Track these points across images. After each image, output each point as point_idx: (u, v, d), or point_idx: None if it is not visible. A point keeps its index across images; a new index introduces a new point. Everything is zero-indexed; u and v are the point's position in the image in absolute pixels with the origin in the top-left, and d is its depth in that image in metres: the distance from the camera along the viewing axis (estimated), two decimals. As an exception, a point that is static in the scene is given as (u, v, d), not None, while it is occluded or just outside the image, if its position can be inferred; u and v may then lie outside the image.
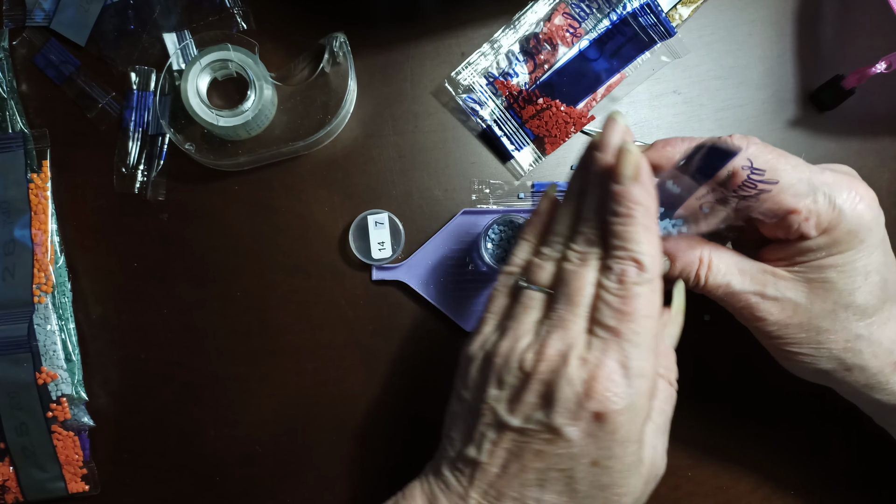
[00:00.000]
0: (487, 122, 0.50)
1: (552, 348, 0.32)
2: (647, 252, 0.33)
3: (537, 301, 0.35)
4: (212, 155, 0.49)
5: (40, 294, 0.48)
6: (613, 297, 0.32)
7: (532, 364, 0.33)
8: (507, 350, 0.34)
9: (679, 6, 0.51)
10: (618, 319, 0.32)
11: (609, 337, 0.32)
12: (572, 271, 0.34)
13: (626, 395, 0.31)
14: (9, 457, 0.48)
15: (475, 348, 0.36)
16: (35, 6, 0.50)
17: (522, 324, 0.35)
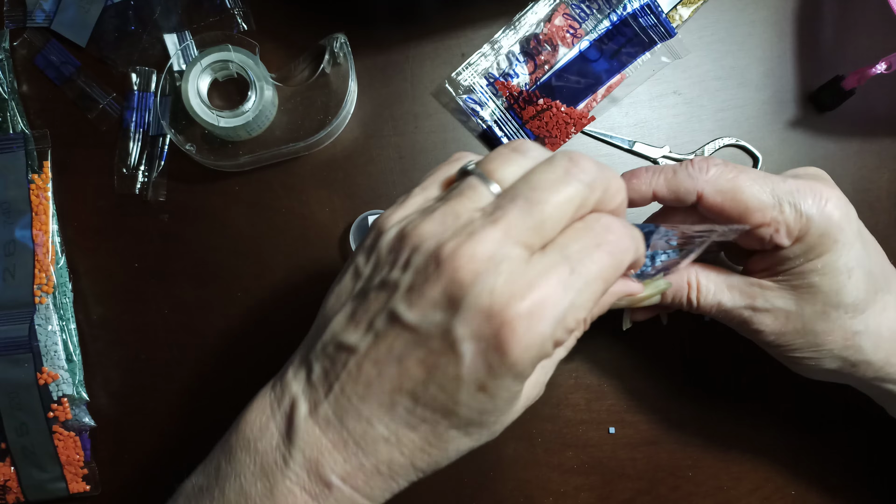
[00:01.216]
0: (488, 122, 0.51)
1: (483, 246, 0.26)
2: (640, 245, 0.30)
3: (484, 193, 0.28)
4: (212, 155, 0.49)
5: (41, 294, 0.48)
6: (593, 235, 0.27)
7: (450, 255, 0.26)
8: (427, 232, 0.27)
9: (679, 7, 0.51)
10: (583, 248, 0.27)
11: (559, 264, 0.26)
12: (549, 178, 0.27)
13: (544, 336, 0.26)
14: (10, 457, 0.48)
15: (392, 220, 0.30)
16: (36, 7, 0.50)
17: (456, 208, 0.28)
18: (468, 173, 0.29)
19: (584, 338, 0.51)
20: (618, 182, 0.29)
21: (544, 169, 0.28)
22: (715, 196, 0.36)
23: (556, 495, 0.50)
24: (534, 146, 0.30)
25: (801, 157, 0.52)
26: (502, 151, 0.29)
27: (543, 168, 0.28)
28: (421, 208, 0.30)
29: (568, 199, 0.27)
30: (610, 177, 0.29)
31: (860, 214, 0.51)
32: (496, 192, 0.28)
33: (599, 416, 0.51)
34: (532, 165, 0.29)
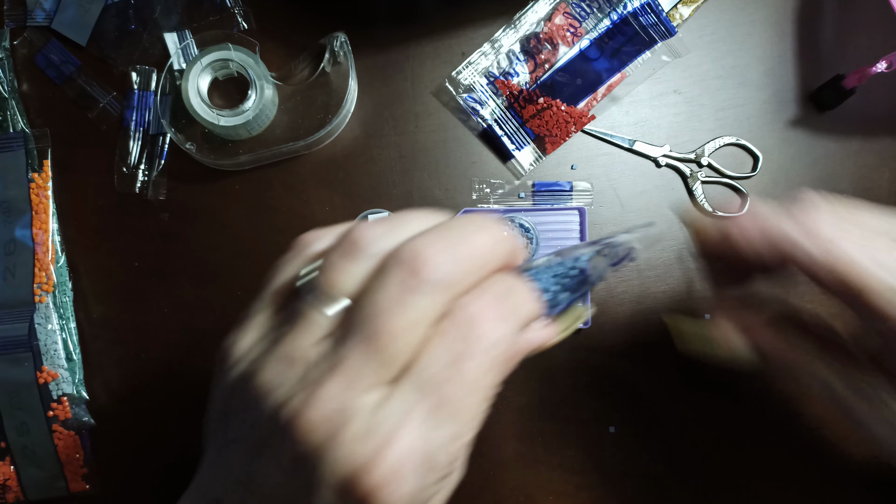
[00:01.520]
0: (488, 121, 0.50)
1: (326, 404, 0.22)
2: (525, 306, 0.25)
3: (320, 322, 0.24)
4: (212, 154, 0.49)
5: (41, 293, 0.48)
6: (452, 345, 0.22)
7: (293, 418, 0.22)
8: (266, 384, 0.23)
9: (680, 6, 0.51)
10: (443, 368, 0.22)
11: (417, 401, 0.22)
12: (385, 300, 0.22)
13: (410, 491, 0.22)
14: (10, 456, 0.48)
15: (233, 355, 0.26)
16: (36, 6, 0.50)
17: (291, 348, 0.23)
18: (300, 289, 0.25)
19: (584, 338, 0.51)
20: (485, 254, 0.24)
21: (378, 286, 0.23)
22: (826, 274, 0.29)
23: (557, 495, 0.50)
24: (369, 235, 0.24)
25: (802, 157, 0.52)
26: (333, 259, 0.24)
27: (377, 285, 0.23)
28: (263, 335, 0.26)
29: (418, 317, 0.22)
30: (477, 253, 0.24)
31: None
32: (334, 310, 0.23)
33: (599, 415, 0.51)
34: (367, 271, 0.24)
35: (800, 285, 0.52)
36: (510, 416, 0.50)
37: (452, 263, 0.23)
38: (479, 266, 0.24)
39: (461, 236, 0.24)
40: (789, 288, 0.51)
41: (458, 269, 0.23)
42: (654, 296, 0.51)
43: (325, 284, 0.24)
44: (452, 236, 0.23)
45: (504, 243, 0.25)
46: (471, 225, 0.24)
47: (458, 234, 0.24)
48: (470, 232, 0.24)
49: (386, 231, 0.24)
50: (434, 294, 0.22)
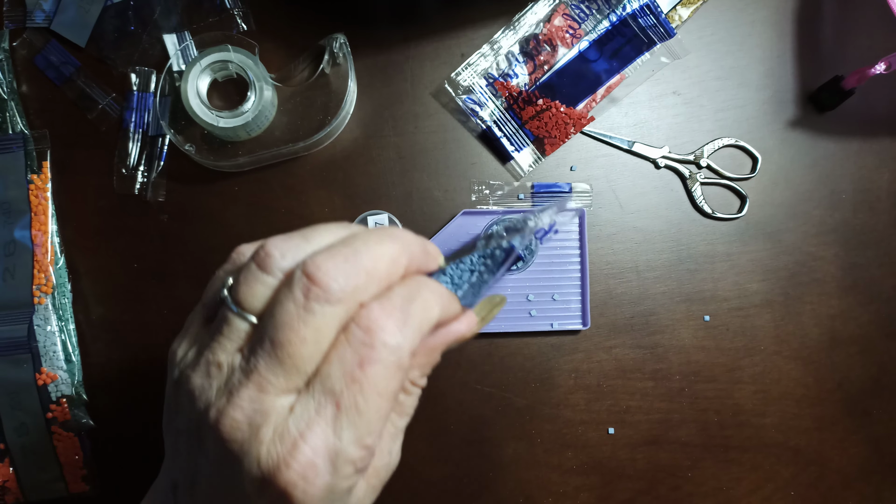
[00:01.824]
0: (487, 122, 0.50)
1: (241, 410, 0.24)
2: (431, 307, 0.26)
3: (241, 327, 0.25)
4: (212, 156, 0.49)
5: (40, 295, 0.48)
6: (354, 351, 0.24)
7: (215, 422, 0.24)
8: (195, 388, 0.25)
9: (679, 7, 0.51)
10: (345, 374, 0.24)
11: (324, 404, 0.24)
12: (289, 311, 0.24)
13: (323, 486, 0.24)
14: (9, 457, 0.48)
15: (175, 359, 0.28)
16: (35, 7, 0.50)
17: (215, 354, 0.25)
18: (221, 301, 0.26)
19: (583, 339, 0.51)
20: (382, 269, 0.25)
21: (284, 297, 0.24)
22: None
23: (556, 495, 0.50)
24: (276, 253, 0.26)
25: (801, 158, 0.52)
26: (249, 269, 0.26)
27: (283, 296, 0.24)
28: (196, 340, 0.28)
29: (317, 330, 0.24)
30: (375, 268, 0.25)
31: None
32: (248, 320, 0.25)
33: (599, 416, 0.51)
34: (274, 285, 0.25)
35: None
36: (510, 417, 0.50)
37: (351, 275, 0.24)
38: (383, 275, 0.26)
39: (360, 248, 0.25)
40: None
41: (357, 280, 0.25)
42: (654, 297, 0.51)
43: (238, 295, 0.26)
44: (353, 249, 0.25)
45: (410, 250, 0.27)
46: (375, 236, 0.26)
47: (358, 246, 0.25)
48: (373, 243, 0.26)
49: (294, 245, 0.26)
50: (333, 305, 0.24)
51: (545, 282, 0.51)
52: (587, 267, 0.50)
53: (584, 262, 0.50)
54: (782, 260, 0.51)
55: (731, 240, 0.51)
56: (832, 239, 0.52)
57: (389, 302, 0.25)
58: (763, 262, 0.51)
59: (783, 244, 0.51)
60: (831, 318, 0.52)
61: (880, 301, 0.52)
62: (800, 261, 0.51)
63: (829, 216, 0.52)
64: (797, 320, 0.51)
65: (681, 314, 0.51)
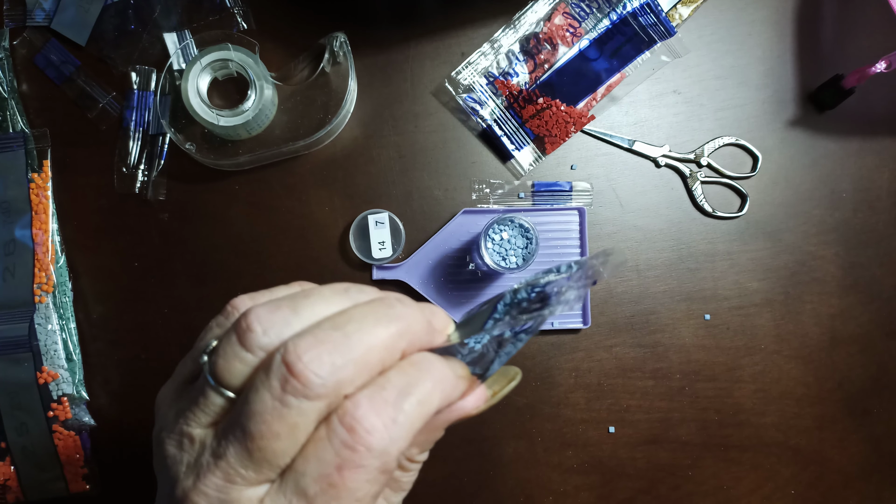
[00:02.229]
0: (488, 121, 0.50)
1: (204, 496, 0.22)
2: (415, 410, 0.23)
3: (216, 402, 0.24)
4: (212, 154, 0.49)
5: (41, 294, 0.48)
6: (334, 452, 0.22)
7: (179, 500, 0.23)
8: (167, 457, 0.24)
9: (679, 6, 0.51)
10: (321, 487, 0.22)
11: (296, 500, 0.22)
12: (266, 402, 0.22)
13: None
14: (10, 456, 0.48)
15: (159, 412, 0.27)
16: (35, 6, 0.50)
17: (189, 425, 0.24)
18: (203, 368, 0.24)
19: (583, 338, 0.51)
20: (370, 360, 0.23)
21: (260, 385, 0.22)
22: None
23: (556, 495, 0.50)
24: (258, 328, 0.23)
25: (802, 157, 0.52)
26: (229, 340, 0.23)
27: (259, 383, 0.22)
28: (177, 396, 0.26)
29: (288, 427, 0.22)
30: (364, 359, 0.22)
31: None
32: (225, 396, 0.23)
33: (599, 415, 0.51)
34: (253, 364, 0.23)
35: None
36: (510, 416, 0.50)
37: (336, 367, 0.22)
38: (375, 364, 0.23)
39: (352, 334, 0.22)
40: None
41: (343, 373, 0.22)
42: (654, 296, 0.51)
43: (215, 367, 0.23)
44: (343, 333, 0.22)
45: (411, 332, 0.24)
46: (372, 315, 0.23)
47: (350, 330, 0.22)
48: (367, 325, 0.23)
49: (281, 319, 0.23)
50: (312, 400, 0.22)
51: (545, 281, 0.50)
52: (587, 266, 0.50)
53: (585, 261, 0.50)
54: (782, 259, 0.51)
55: (731, 239, 0.51)
56: (832, 238, 0.52)
57: (380, 395, 0.22)
58: (763, 261, 0.51)
59: (783, 243, 0.51)
60: (831, 317, 0.52)
61: (880, 300, 0.52)
62: (800, 260, 0.51)
63: (830, 215, 0.52)
64: (797, 319, 0.51)
65: (681, 313, 0.51)
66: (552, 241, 0.51)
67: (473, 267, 0.50)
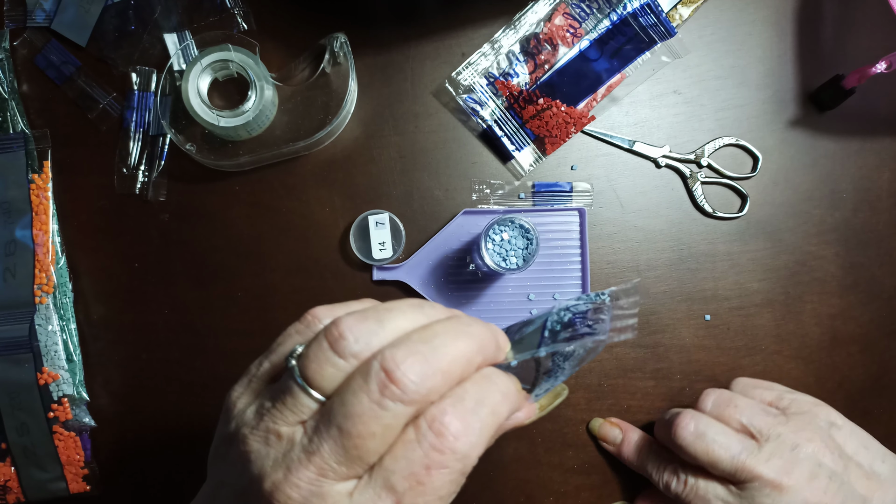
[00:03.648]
0: (488, 122, 0.50)
1: (299, 489, 0.24)
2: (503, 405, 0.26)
3: (305, 402, 0.25)
4: (212, 155, 0.49)
5: (41, 294, 0.48)
6: (423, 453, 0.24)
7: (271, 492, 0.24)
8: (253, 451, 0.25)
9: (679, 6, 0.51)
10: (410, 474, 0.24)
11: (384, 498, 0.24)
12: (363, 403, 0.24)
13: None
14: (10, 457, 0.48)
15: (234, 410, 0.28)
16: (36, 7, 0.50)
17: (277, 423, 0.25)
18: (289, 371, 0.26)
19: (584, 337, 0.51)
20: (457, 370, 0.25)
21: (358, 388, 0.24)
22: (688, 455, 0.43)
23: (557, 495, 0.50)
24: (351, 336, 0.25)
25: (802, 157, 0.52)
26: (320, 346, 0.25)
27: (357, 385, 0.24)
28: (258, 398, 0.27)
29: (386, 426, 0.24)
30: (451, 369, 0.25)
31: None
32: (318, 398, 0.25)
33: (600, 415, 0.51)
34: (349, 368, 0.25)
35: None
36: (510, 417, 0.50)
37: (427, 376, 0.24)
38: (457, 376, 0.25)
39: (439, 347, 0.25)
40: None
41: (433, 382, 0.24)
42: (654, 296, 0.51)
43: (307, 371, 0.25)
44: (431, 347, 0.25)
45: (485, 348, 0.26)
46: (451, 331, 0.25)
47: (437, 344, 0.25)
48: (449, 340, 0.25)
49: (368, 330, 0.25)
50: (407, 404, 0.24)
51: (546, 281, 0.51)
52: (588, 266, 0.50)
53: (585, 261, 0.50)
54: (783, 259, 0.51)
55: (731, 239, 0.51)
56: (833, 238, 0.52)
57: (462, 405, 0.25)
58: (764, 262, 0.51)
59: (784, 243, 0.51)
60: (832, 317, 0.52)
61: (881, 300, 0.52)
62: (800, 260, 0.51)
63: (830, 215, 0.52)
64: (798, 319, 0.51)
65: (681, 313, 0.51)
66: (552, 241, 0.51)
67: (474, 267, 0.50)
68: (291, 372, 0.26)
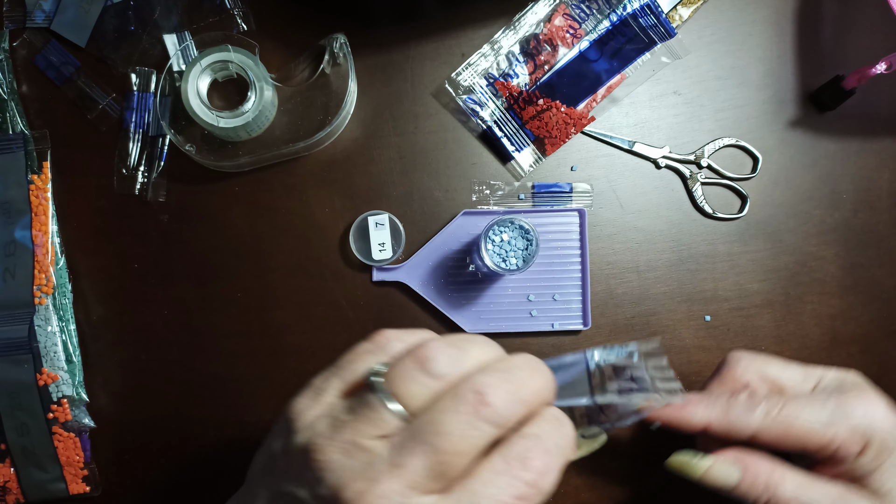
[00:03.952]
0: (488, 122, 0.50)
1: (383, 499, 0.25)
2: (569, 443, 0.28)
3: (387, 418, 0.26)
4: (212, 156, 0.49)
5: (41, 295, 0.48)
6: (510, 481, 0.26)
7: (351, 501, 0.25)
8: (332, 462, 0.26)
9: (679, 7, 0.51)
10: (496, 499, 0.25)
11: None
12: (455, 422, 0.25)
13: None
14: (10, 458, 0.48)
15: (304, 418, 0.28)
16: (35, 7, 0.50)
17: (358, 436, 0.26)
18: (372, 388, 0.27)
19: (583, 340, 0.51)
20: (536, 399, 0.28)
21: (449, 407, 0.26)
22: (771, 434, 0.37)
23: (556, 495, 0.50)
24: (442, 359, 0.27)
25: (802, 157, 0.52)
26: (407, 366, 0.27)
27: (449, 405, 0.26)
28: (330, 412, 0.28)
29: (474, 446, 0.26)
30: (529, 398, 0.27)
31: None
32: (403, 415, 0.26)
33: (600, 416, 0.51)
34: (439, 388, 0.27)
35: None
36: (510, 418, 0.50)
37: (512, 404, 0.26)
38: (534, 407, 0.28)
39: (522, 379, 0.27)
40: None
41: (517, 409, 0.27)
42: (654, 297, 0.51)
43: (396, 389, 0.27)
44: (516, 377, 0.27)
45: (551, 383, 0.29)
46: (528, 367, 0.28)
47: (519, 376, 0.27)
48: (528, 375, 0.28)
49: (455, 357, 0.27)
50: (493, 427, 0.26)
51: (546, 282, 0.51)
52: (588, 267, 0.50)
53: (585, 262, 0.50)
54: (783, 260, 0.51)
55: (731, 240, 0.51)
56: (833, 238, 0.52)
57: (544, 445, 0.27)
58: (764, 262, 0.51)
59: (784, 244, 0.51)
60: (832, 317, 0.52)
61: (881, 300, 0.52)
62: (800, 261, 0.51)
63: (830, 216, 0.52)
64: (798, 320, 0.51)
65: (682, 314, 0.51)
66: (552, 242, 0.51)
67: (474, 268, 0.50)
68: (376, 387, 0.27)
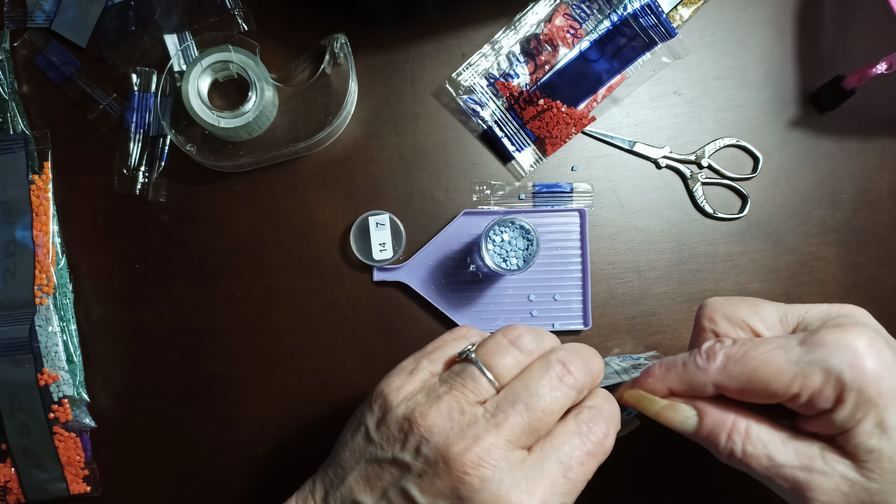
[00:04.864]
0: (488, 122, 0.50)
1: (488, 453, 0.30)
2: (616, 427, 0.35)
3: (485, 385, 0.33)
4: (213, 156, 0.49)
5: (42, 295, 0.48)
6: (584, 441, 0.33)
7: (458, 457, 0.30)
8: (436, 426, 0.31)
9: (680, 7, 0.51)
10: (574, 453, 0.32)
11: (555, 466, 0.31)
12: (545, 385, 0.32)
13: None
14: (10, 458, 0.48)
15: (399, 394, 0.34)
16: (36, 7, 0.50)
17: (460, 401, 0.32)
18: (469, 360, 0.33)
19: (583, 339, 0.51)
20: (599, 373, 0.35)
21: (541, 374, 0.32)
22: (733, 384, 0.33)
23: (557, 496, 0.50)
24: (528, 337, 0.34)
25: (802, 157, 0.52)
26: (500, 342, 0.34)
27: (540, 372, 0.32)
28: (425, 386, 0.33)
29: (561, 407, 0.32)
30: (595, 372, 0.34)
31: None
32: (496, 384, 0.33)
33: (600, 416, 0.51)
34: (527, 361, 0.33)
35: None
36: (511, 418, 0.50)
37: (587, 375, 0.33)
38: (596, 380, 0.34)
39: (589, 357, 0.34)
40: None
41: (589, 379, 0.33)
42: (655, 297, 0.51)
43: (491, 360, 0.33)
44: (583, 356, 0.34)
45: (603, 365, 0.35)
46: (588, 350, 0.35)
47: (586, 354, 0.34)
48: (591, 354, 0.34)
49: (537, 338, 0.34)
50: (574, 391, 0.33)
51: (546, 282, 0.51)
52: (588, 267, 0.50)
53: (586, 262, 0.50)
54: (783, 260, 0.51)
55: (732, 240, 0.51)
56: (833, 239, 0.52)
57: (603, 415, 0.34)
58: (764, 262, 0.51)
59: (784, 244, 0.51)
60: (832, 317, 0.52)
61: (881, 300, 0.52)
62: (801, 261, 0.51)
63: (830, 216, 0.52)
64: (798, 320, 0.51)
65: (682, 314, 0.51)
66: (553, 242, 0.51)
67: (474, 268, 0.50)
68: (473, 361, 0.33)
